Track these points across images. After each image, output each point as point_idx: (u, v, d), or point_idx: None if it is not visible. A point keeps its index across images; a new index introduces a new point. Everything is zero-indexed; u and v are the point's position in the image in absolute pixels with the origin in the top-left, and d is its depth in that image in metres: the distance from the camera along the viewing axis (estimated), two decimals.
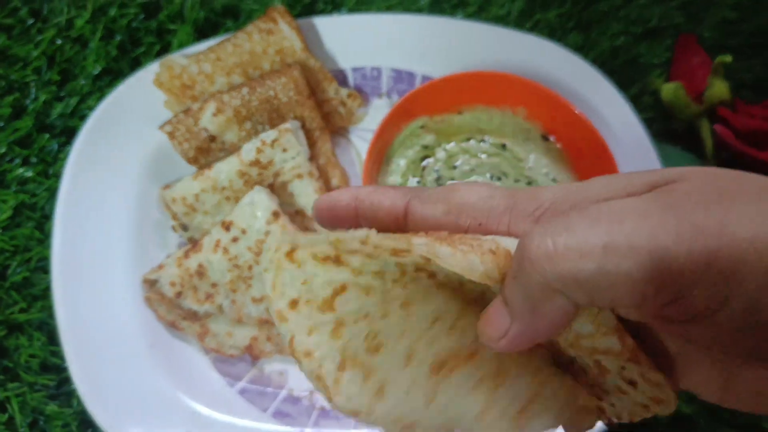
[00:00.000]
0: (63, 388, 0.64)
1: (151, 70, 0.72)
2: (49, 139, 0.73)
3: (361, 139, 0.75)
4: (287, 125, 0.68)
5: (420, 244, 0.28)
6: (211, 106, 0.68)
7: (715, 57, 0.75)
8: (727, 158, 0.75)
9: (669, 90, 0.76)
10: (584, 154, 0.67)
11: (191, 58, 0.71)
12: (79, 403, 0.61)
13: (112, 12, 0.78)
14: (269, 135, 0.67)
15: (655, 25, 0.84)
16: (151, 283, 0.65)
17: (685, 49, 0.78)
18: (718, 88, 0.74)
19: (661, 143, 0.75)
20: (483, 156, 0.69)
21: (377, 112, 0.75)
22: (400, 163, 0.68)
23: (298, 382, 0.64)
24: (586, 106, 0.72)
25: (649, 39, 0.84)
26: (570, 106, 0.66)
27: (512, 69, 0.73)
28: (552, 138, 0.69)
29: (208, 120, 0.68)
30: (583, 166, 0.67)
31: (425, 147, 0.69)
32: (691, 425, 0.66)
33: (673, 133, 0.79)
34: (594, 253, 0.24)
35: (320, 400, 0.63)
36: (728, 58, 0.72)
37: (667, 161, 0.72)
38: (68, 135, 0.73)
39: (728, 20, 0.86)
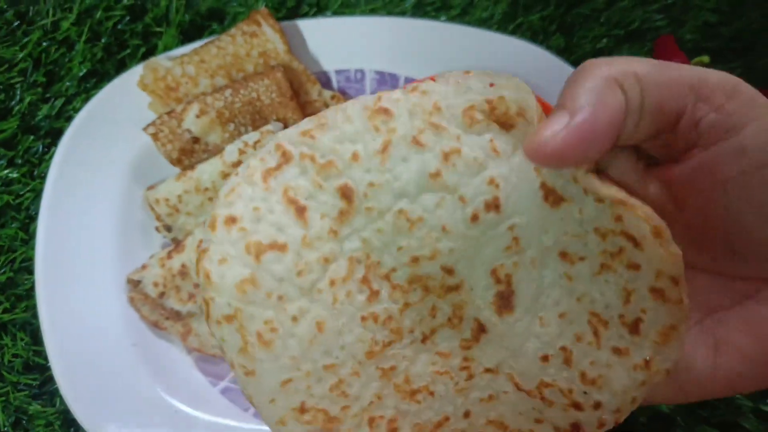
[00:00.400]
0: (46, 388, 0.65)
1: (135, 72, 0.72)
2: (35, 140, 0.74)
3: None
4: (270, 127, 0.68)
5: None
6: (194, 108, 0.69)
7: (694, 58, 0.76)
8: None
9: None
10: None
11: (175, 61, 0.72)
12: (62, 402, 0.62)
13: (98, 15, 0.79)
14: (252, 137, 0.68)
15: (636, 27, 0.85)
16: (134, 283, 0.66)
17: (663, 50, 0.79)
18: None
19: None
20: None
21: None
22: None
23: None
24: None
25: (631, 41, 0.85)
26: (550, 107, 0.67)
27: (494, 70, 0.74)
28: None
29: (192, 121, 0.69)
30: None
31: None
32: (670, 423, 0.67)
33: None
34: (649, 61, 0.29)
35: None
36: (706, 59, 0.73)
37: None
38: (53, 136, 0.74)
39: (709, 23, 0.87)
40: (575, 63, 0.79)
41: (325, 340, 0.35)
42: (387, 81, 0.78)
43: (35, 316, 0.64)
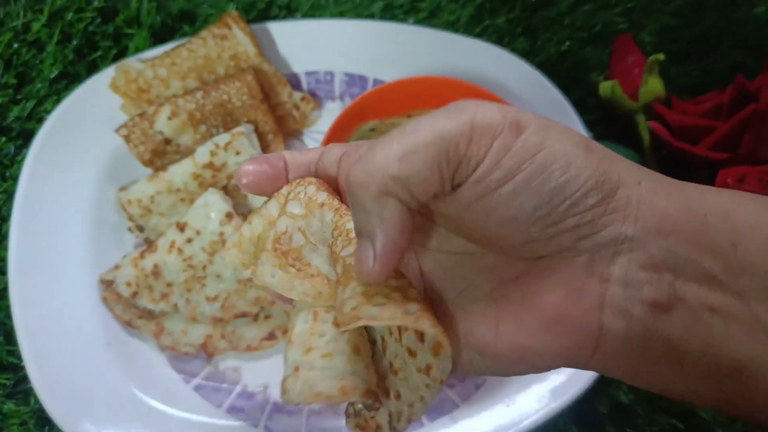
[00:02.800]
0: (20, 387, 0.65)
1: (107, 74, 0.73)
2: (6, 141, 0.74)
3: (315, 141, 0.78)
4: (240, 129, 0.70)
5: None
6: (165, 110, 0.70)
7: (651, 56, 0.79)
8: (665, 152, 0.79)
9: (606, 87, 0.79)
10: None
11: (147, 63, 0.73)
12: (37, 401, 0.63)
13: (69, 16, 0.79)
14: (223, 138, 0.69)
15: (599, 30, 0.88)
16: (107, 283, 0.67)
17: (622, 49, 0.81)
18: (653, 85, 0.77)
19: (602, 140, 0.78)
20: None
21: (330, 115, 0.78)
22: None
23: (252, 378, 0.66)
24: (530, 108, 0.75)
25: (593, 44, 0.87)
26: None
27: (461, 73, 0.76)
28: None
29: (163, 123, 0.70)
30: None
31: None
32: (630, 414, 0.69)
33: (615, 131, 0.82)
34: (394, 154, 0.31)
35: (274, 395, 0.65)
36: (661, 56, 0.76)
37: None
38: (25, 138, 0.74)
39: (669, 27, 0.90)
40: (539, 65, 0.81)
41: None
42: (356, 82, 0.80)
43: (9, 316, 0.64)
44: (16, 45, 0.78)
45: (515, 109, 0.32)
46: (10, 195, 0.70)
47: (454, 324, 0.36)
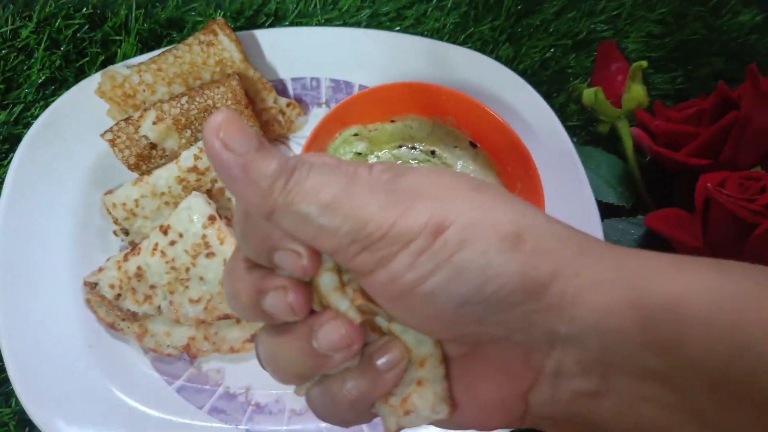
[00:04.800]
0: (1, 389, 0.66)
1: (94, 79, 0.74)
2: None
3: (300, 147, 0.78)
4: None
5: None
6: (151, 115, 0.71)
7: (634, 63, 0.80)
8: (647, 158, 0.79)
9: (589, 94, 0.80)
10: (508, 160, 0.70)
11: (133, 69, 0.74)
12: (17, 403, 0.63)
13: (57, 23, 0.80)
14: None
15: (583, 37, 0.89)
16: (91, 286, 0.67)
17: (605, 56, 0.82)
18: (635, 92, 0.78)
19: (585, 146, 0.79)
20: (413, 162, 0.72)
21: (316, 120, 0.77)
22: None
23: (234, 379, 0.66)
24: (513, 115, 0.77)
25: (578, 50, 0.88)
26: (495, 116, 0.69)
27: (445, 79, 0.77)
28: (479, 145, 0.73)
29: (149, 128, 0.70)
30: (507, 171, 0.71)
31: (358, 154, 0.72)
32: None
33: (598, 138, 0.83)
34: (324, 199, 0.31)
35: (255, 396, 0.65)
36: (644, 64, 0.77)
37: (590, 163, 0.76)
38: (12, 142, 0.75)
39: (653, 34, 0.91)
40: (523, 72, 0.82)
41: None
42: (342, 88, 0.81)
43: None
44: (4, 51, 0.79)
45: (448, 204, 0.31)
46: None
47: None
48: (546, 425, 0.34)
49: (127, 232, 0.70)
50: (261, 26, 0.84)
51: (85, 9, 0.82)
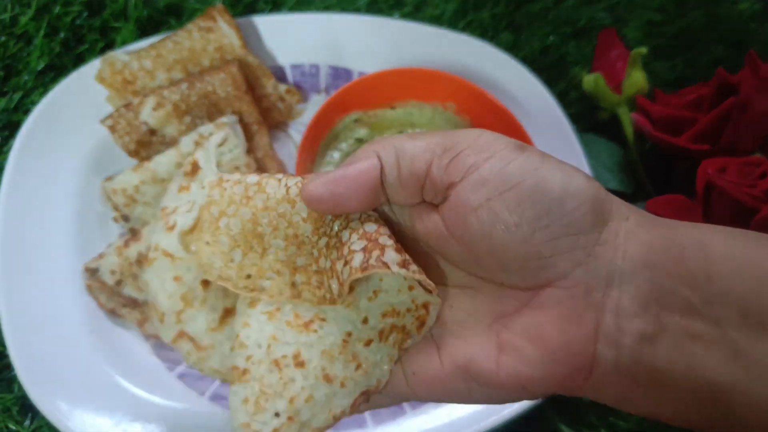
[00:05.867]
0: (3, 374, 0.66)
1: (93, 66, 0.74)
2: None
3: (299, 134, 0.78)
4: (225, 119, 0.70)
5: None
6: (150, 101, 0.70)
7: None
8: (648, 144, 0.79)
9: (589, 80, 0.80)
10: None
11: (132, 55, 0.74)
12: (20, 388, 0.63)
13: (56, 10, 0.80)
14: (207, 129, 0.69)
15: (583, 25, 0.89)
16: (92, 272, 0.67)
17: (605, 43, 0.82)
18: (635, 78, 0.78)
19: (586, 133, 0.79)
20: None
21: (316, 107, 0.77)
22: (335, 155, 0.71)
23: None
24: (513, 101, 0.76)
25: (577, 38, 0.88)
26: (495, 101, 0.70)
27: (445, 66, 0.77)
28: None
29: (148, 114, 0.70)
30: None
31: (359, 140, 0.72)
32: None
33: (599, 124, 0.83)
34: (409, 134, 0.37)
35: None
36: (644, 50, 0.76)
37: (590, 150, 0.76)
38: (11, 129, 0.75)
39: (653, 22, 0.91)
40: (523, 59, 0.82)
41: None
42: (341, 75, 0.80)
43: None
44: (3, 38, 0.78)
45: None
46: None
47: (454, 353, 0.38)
48: (609, 382, 0.35)
49: (127, 219, 0.70)
50: (260, 12, 0.84)
51: None
